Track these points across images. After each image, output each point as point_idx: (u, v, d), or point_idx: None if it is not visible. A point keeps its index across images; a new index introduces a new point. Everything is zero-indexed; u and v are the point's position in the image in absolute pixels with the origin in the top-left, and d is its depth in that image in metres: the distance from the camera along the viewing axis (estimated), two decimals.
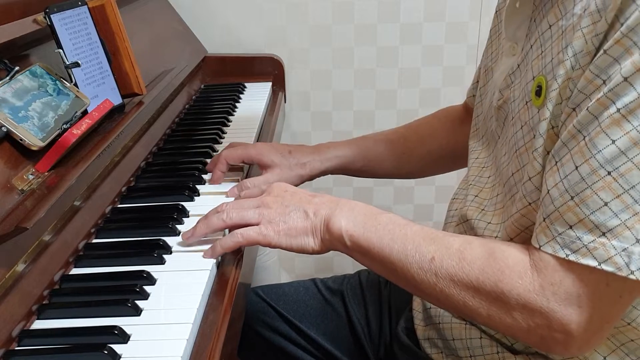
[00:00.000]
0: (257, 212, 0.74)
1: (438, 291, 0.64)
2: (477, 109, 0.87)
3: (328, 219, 0.71)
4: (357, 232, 0.70)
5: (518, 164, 0.68)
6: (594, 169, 0.55)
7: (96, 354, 0.59)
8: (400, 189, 1.82)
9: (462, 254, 0.63)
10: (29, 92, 0.80)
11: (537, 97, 0.65)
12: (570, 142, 0.58)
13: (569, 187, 0.57)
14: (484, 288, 0.61)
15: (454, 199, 0.86)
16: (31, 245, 0.68)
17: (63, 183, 0.76)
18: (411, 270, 0.66)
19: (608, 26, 0.56)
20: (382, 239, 0.68)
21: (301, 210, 0.73)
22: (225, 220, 0.75)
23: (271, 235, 0.72)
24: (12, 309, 0.62)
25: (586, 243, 0.56)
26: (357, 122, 1.76)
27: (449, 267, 0.63)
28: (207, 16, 1.65)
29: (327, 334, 0.96)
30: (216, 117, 1.27)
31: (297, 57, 1.68)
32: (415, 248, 0.66)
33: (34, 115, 0.78)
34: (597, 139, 0.55)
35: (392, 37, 1.67)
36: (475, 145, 0.85)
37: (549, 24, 0.66)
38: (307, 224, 0.72)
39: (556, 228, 0.58)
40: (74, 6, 0.95)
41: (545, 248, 0.59)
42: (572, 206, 0.56)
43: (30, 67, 0.84)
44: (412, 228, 0.68)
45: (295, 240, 0.73)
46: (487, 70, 0.85)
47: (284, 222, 0.73)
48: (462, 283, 0.63)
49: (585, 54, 0.58)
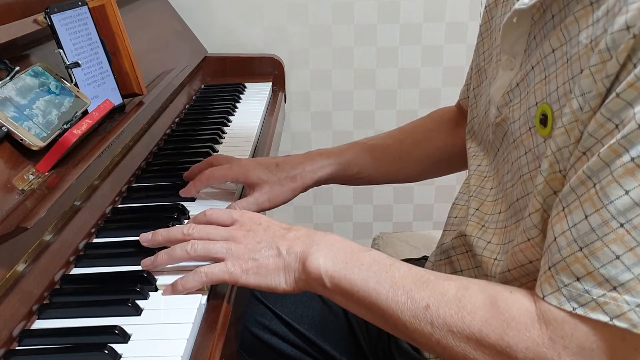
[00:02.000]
0: (224, 246, 0.68)
1: (434, 342, 0.60)
2: (471, 110, 0.85)
3: (304, 258, 0.66)
4: (338, 272, 0.64)
5: (523, 190, 0.66)
6: (606, 221, 0.52)
7: (96, 354, 0.59)
8: (400, 189, 1.82)
9: (461, 302, 0.59)
10: (30, 92, 0.80)
11: (542, 125, 0.62)
12: (579, 189, 0.54)
13: (577, 237, 0.54)
14: (487, 341, 0.57)
15: (455, 204, 0.84)
16: (31, 245, 0.68)
17: (63, 183, 0.76)
18: (402, 318, 0.61)
19: (620, 67, 0.52)
20: (368, 281, 0.63)
21: (273, 246, 0.68)
22: (189, 252, 0.69)
23: (238, 273, 0.67)
24: (12, 309, 0.62)
25: (595, 297, 0.53)
26: (357, 122, 1.76)
27: (447, 317, 0.59)
28: (207, 16, 1.65)
29: (326, 336, 0.96)
30: (216, 117, 1.27)
31: (297, 57, 1.69)
32: (406, 294, 0.61)
33: (35, 115, 0.78)
34: (609, 188, 0.52)
35: (392, 37, 1.67)
36: (476, 151, 0.82)
37: (552, 47, 0.63)
38: (279, 262, 0.67)
39: (562, 279, 0.55)
40: (74, 6, 0.95)
41: (550, 299, 0.56)
42: (581, 257, 0.53)
43: (31, 67, 0.84)
44: (399, 270, 0.63)
45: (265, 280, 0.67)
46: (480, 71, 0.84)
47: (253, 260, 0.67)
48: (462, 334, 0.58)
49: (595, 96, 0.54)
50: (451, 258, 0.80)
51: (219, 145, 1.14)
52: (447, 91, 1.72)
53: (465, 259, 0.77)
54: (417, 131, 1.01)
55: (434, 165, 1.01)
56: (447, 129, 1.00)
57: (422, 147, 0.99)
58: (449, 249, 0.80)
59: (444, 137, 0.99)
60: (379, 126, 1.76)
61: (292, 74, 1.69)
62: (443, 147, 0.99)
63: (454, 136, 0.98)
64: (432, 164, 1.00)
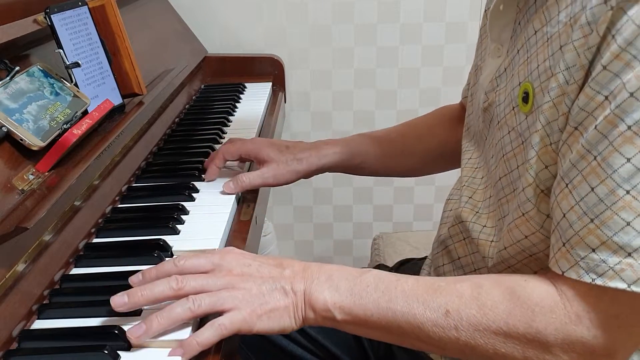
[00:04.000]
0: (229, 295, 0.62)
1: (462, 344, 0.60)
2: (468, 108, 0.87)
3: (309, 295, 0.64)
4: (346, 301, 0.63)
5: (505, 168, 0.67)
6: (612, 189, 0.53)
7: (96, 354, 0.59)
8: (400, 189, 1.82)
9: (479, 300, 0.59)
10: (30, 92, 0.80)
11: (524, 103, 0.64)
12: (580, 163, 0.56)
13: (587, 210, 0.55)
14: (515, 331, 0.58)
15: (449, 199, 0.87)
16: (31, 245, 0.68)
17: (63, 183, 0.76)
18: (424, 329, 0.61)
19: (600, 39, 0.55)
20: (379, 303, 0.62)
21: (278, 287, 0.64)
22: (193, 311, 0.61)
23: (253, 320, 0.62)
24: (12, 309, 0.62)
25: (612, 265, 0.54)
26: (357, 122, 1.76)
27: (470, 318, 0.59)
28: (207, 16, 1.65)
29: (328, 333, 0.96)
30: (216, 117, 1.27)
31: (297, 57, 1.69)
32: (422, 305, 0.61)
33: (35, 115, 0.78)
34: (610, 158, 0.53)
35: (392, 37, 1.67)
36: (468, 145, 0.85)
37: (534, 29, 0.65)
38: (288, 302, 0.64)
39: (578, 252, 0.56)
40: (74, 6, 0.95)
41: (569, 274, 0.56)
42: (593, 229, 0.55)
43: (31, 67, 0.84)
44: (407, 283, 0.63)
45: (278, 322, 0.64)
46: (477, 70, 0.86)
47: (265, 304, 0.63)
48: (489, 331, 0.59)
49: (578, 68, 0.57)
50: (448, 247, 0.81)
51: (219, 145, 1.14)
52: (447, 91, 1.72)
53: (462, 246, 0.78)
54: (420, 126, 1.05)
55: (435, 159, 1.04)
56: (449, 126, 1.03)
57: (425, 142, 1.02)
58: (446, 239, 0.81)
59: (445, 134, 1.02)
60: (379, 126, 1.75)
61: (292, 74, 1.69)
62: (445, 143, 1.02)
63: (456, 133, 1.00)
64: (433, 158, 1.03)
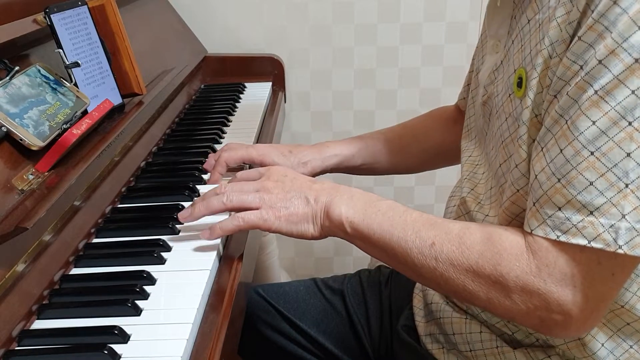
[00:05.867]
0: (257, 196, 0.74)
1: (438, 275, 0.65)
2: (469, 110, 0.88)
3: (328, 206, 0.72)
4: (357, 218, 0.71)
5: (505, 154, 0.69)
6: (578, 150, 0.57)
7: (96, 354, 0.59)
8: (400, 189, 1.82)
9: (462, 239, 0.64)
10: (29, 92, 0.80)
11: (518, 88, 0.67)
12: (553, 127, 0.59)
13: (555, 170, 0.58)
14: (483, 271, 0.62)
15: (452, 196, 0.88)
16: (31, 245, 0.68)
17: (63, 183, 0.76)
18: (411, 255, 0.67)
19: (580, 14, 0.58)
20: (382, 225, 0.69)
21: (302, 196, 0.74)
22: (225, 203, 0.74)
23: (272, 220, 0.73)
24: (12, 309, 0.62)
25: (575, 223, 0.57)
26: (357, 122, 1.76)
27: (449, 252, 0.64)
28: (207, 16, 1.65)
29: (328, 333, 0.96)
30: (216, 117, 1.27)
31: (297, 57, 1.68)
32: (415, 234, 0.67)
33: (34, 115, 0.78)
34: (578, 121, 0.57)
35: (392, 37, 1.67)
36: (467, 145, 0.86)
37: (527, 18, 0.68)
38: (308, 210, 0.73)
39: (546, 211, 0.59)
40: (74, 6, 0.95)
41: (537, 232, 0.60)
42: (560, 188, 0.58)
43: (31, 67, 0.84)
44: (411, 215, 0.69)
45: (296, 227, 0.73)
46: (477, 72, 0.86)
47: (285, 208, 0.73)
48: (461, 267, 0.63)
49: (560, 42, 0.60)
50: None
51: (219, 145, 1.14)
52: (447, 91, 1.72)
53: None
54: (417, 127, 1.08)
55: (432, 158, 1.08)
56: (445, 127, 1.05)
57: (421, 143, 1.06)
58: None
59: (441, 134, 1.05)
60: (379, 126, 1.74)
61: (292, 74, 1.69)
62: (440, 143, 1.05)
63: (451, 133, 1.03)
64: (430, 157, 1.07)
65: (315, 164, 0.99)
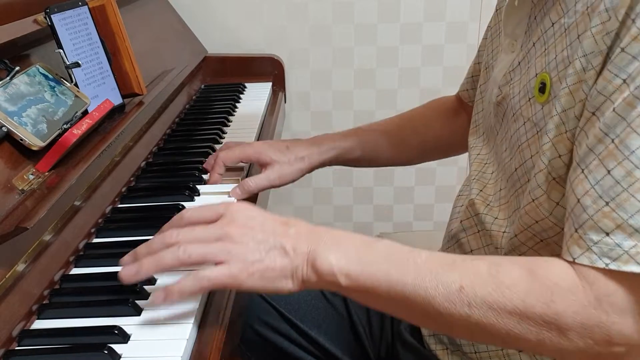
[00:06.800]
0: (221, 247, 0.61)
1: (473, 323, 0.57)
2: (477, 105, 0.87)
3: (313, 258, 0.61)
4: (354, 269, 0.60)
5: (521, 159, 0.67)
6: (629, 171, 0.52)
7: (96, 354, 0.59)
8: (401, 189, 1.82)
9: (497, 278, 0.57)
10: (30, 93, 0.80)
11: (540, 93, 0.64)
12: (597, 147, 0.55)
13: (602, 193, 0.54)
14: (532, 311, 0.55)
15: (460, 195, 0.87)
16: (31, 245, 0.68)
17: (63, 183, 0.76)
18: (434, 304, 0.58)
19: (619, 24, 0.54)
20: (390, 273, 0.59)
21: (278, 245, 0.61)
22: (180, 258, 0.60)
23: (243, 277, 0.60)
24: (12, 309, 0.62)
25: (627, 249, 0.52)
26: (357, 122, 1.74)
27: (486, 295, 0.56)
28: (207, 16, 1.65)
29: (329, 335, 0.96)
30: (216, 117, 1.27)
31: (297, 57, 1.69)
32: (435, 279, 0.58)
33: (35, 115, 0.78)
34: (628, 139, 0.52)
35: (392, 37, 1.67)
36: (475, 142, 0.85)
37: (551, 22, 0.66)
38: (286, 264, 0.61)
39: (591, 237, 0.54)
40: (75, 6, 0.95)
41: (581, 260, 0.55)
42: (608, 212, 0.53)
43: (31, 67, 0.84)
44: (420, 255, 0.60)
45: (272, 284, 0.61)
46: (488, 68, 0.86)
47: (259, 262, 0.60)
48: (504, 310, 0.56)
49: (596, 54, 0.56)
50: (460, 241, 0.80)
51: (219, 145, 1.14)
52: (447, 91, 1.71)
53: (476, 239, 0.78)
54: (416, 119, 1.07)
55: (431, 150, 1.06)
56: (444, 118, 1.05)
57: (421, 134, 1.04)
58: (458, 232, 0.81)
59: (440, 126, 1.04)
60: None
61: (292, 74, 1.69)
62: (440, 134, 1.04)
63: (451, 124, 1.03)
64: (429, 149, 1.06)
65: (312, 158, 0.97)
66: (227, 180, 0.97)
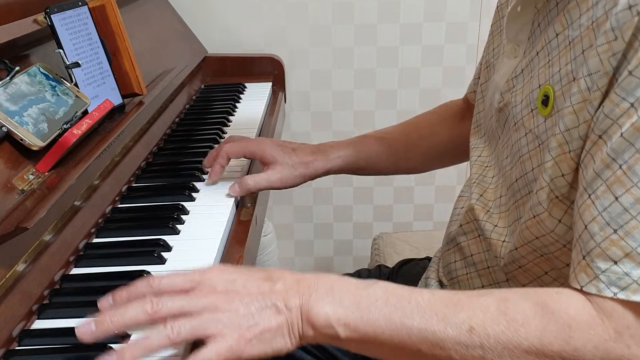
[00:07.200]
0: (212, 319, 0.56)
1: None
2: (478, 105, 0.87)
3: (307, 311, 0.57)
4: (353, 317, 0.56)
5: (522, 170, 0.67)
6: (638, 198, 0.51)
7: (97, 354, 0.58)
8: (400, 189, 1.82)
9: (508, 315, 0.54)
10: (30, 93, 0.80)
11: (543, 106, 0.63)
12: (604, 172, 0.54)
13: (610, 220, 0.52)
14: (550, 349, 0.53)
15: (460, 196, 0.86)
16: (31, 245, 0.68)
17: (63, 183, 0.76)
18: (445, 348, 0.55)
19: (626, 45, 0.53)
20: (391, 318, 0.56)
21: (269, 304, 0.57)
22: (172, 338, 0.55)
23: (242, 346, 0.55)
24: (12, 309, 0.62)
25: (636, 278, 0.51)
26: (357, 122, 1.76)
27: (499, 334, 0.54)
28: (207, 16, 1.65)
29: None
30: (216, 117, 1.27)
31: (297, 57, 1.69)
32: (442, 321, 0.55)
33: (35, 115, 0.78)
34: (637, 166, 0.51)
35: (392, 37, 1.67)
36: (477, 143, 0.84)
37: (555, 32, 0.65)
38: (282, 321, 0.57)
39: (598, 266, 0.53)
40: (75, 6, 0.95)
41: (588, 288, 0.54)
42: (616, 240, 0.52)
43: (31, 67, 0.84)
44: (421, 296, 0.57)
45: (271, 345, 0.57)
46: (489, 67, 0.86)
47: (254, 326, 0.56)
48: (520, 349, 0.54)
49: (602, 75, 0.55)
50: (460, 244, 0.80)
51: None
52: (447, 91, 1.72)
53: (476, 244, 0.77)
54: (423, 125, 1.05)
55: (438, 157, 1.04)
56: (452, 123, 1.03)
57: (428, 141, 1.02)
58: (458, 236, 0.80)
59: (448, 131, 1.02)
60: (379, 126, 1.74)
61: (292, 74, 1.69)
62: (447, 140, 1.02)
63: (459, 129, 1.00)
64: (436, 155, 1.04)
65: (318, 165, 0.96)
66: (228, 177, 0.96)
